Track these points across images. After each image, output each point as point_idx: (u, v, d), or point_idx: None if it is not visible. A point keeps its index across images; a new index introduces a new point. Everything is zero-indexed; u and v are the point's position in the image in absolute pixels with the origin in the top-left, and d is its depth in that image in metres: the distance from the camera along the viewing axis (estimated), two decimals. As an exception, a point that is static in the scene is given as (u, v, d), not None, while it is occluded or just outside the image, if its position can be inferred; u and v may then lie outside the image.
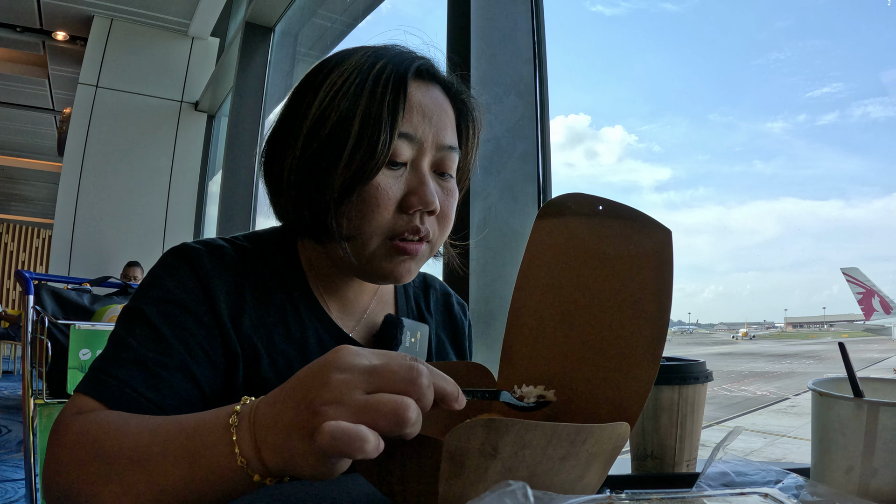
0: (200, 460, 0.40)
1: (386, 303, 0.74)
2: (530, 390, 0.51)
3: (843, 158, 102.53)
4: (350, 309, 0.69)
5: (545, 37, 1.57)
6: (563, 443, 0.37)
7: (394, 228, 0.58)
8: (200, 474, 0.40)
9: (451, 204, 0.63)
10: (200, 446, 0.40)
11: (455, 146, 0.63)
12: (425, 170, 0.60)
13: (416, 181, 0.59)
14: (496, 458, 0.35)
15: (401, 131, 0.57)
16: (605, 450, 0.40)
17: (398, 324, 0.68)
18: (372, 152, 0.56)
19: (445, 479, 0.35)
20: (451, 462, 0.35)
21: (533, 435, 0.36)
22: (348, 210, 0.57)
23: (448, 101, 0.64)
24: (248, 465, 0.38)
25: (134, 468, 0.42)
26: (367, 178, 0.56)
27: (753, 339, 27.67)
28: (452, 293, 0.83)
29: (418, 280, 0.81)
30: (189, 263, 0.59)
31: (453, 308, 0.81)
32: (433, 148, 0.60)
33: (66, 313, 1.76)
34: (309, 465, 0.36)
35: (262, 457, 0.38)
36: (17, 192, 10.63)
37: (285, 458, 0.37)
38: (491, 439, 0.35)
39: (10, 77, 5.93)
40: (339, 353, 0.37)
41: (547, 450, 0.37)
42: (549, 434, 0.36)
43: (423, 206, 0.58)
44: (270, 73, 3.65)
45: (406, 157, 0.59)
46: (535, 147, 1.50)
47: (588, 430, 0.38)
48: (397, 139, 0.57)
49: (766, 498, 0.39)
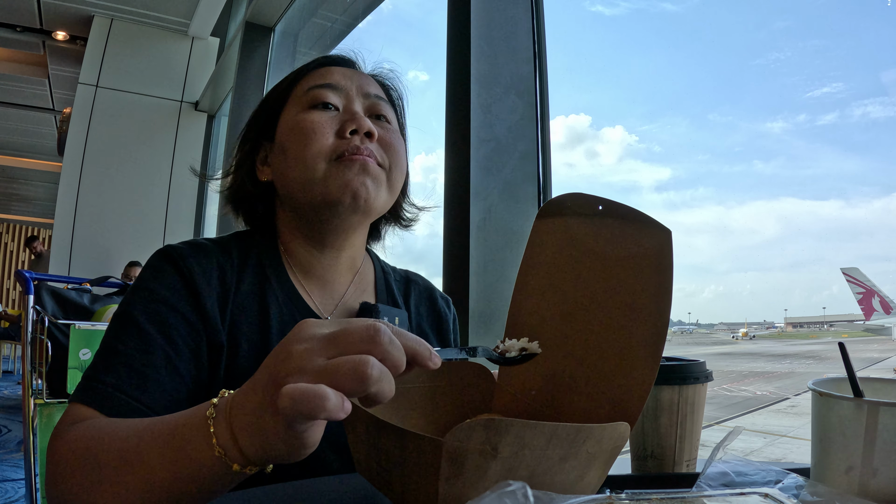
0: (183, 456, 0.41)
1: (364, 290, 0.75)
2: (513, 343, 0.48)
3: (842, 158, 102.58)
4: (328, 293, 0.71)
5: (545, 37, 1.57)
6: (562, 443, 0.37)
7: (335, 150, 0.64)
8: (184, 470, 0.41)
9: (394, 138, 0.68)
10: (182, 442, 0.41)
11: (384, 97, 0.71)
12: (356, 108, 0.67)
13: (348, 115, 0.66)
14: (496, 458, 0.35)
15: (320, 83, 0.67)
16: (605, 450, 0.40)
17: (374, 309, 0.69)
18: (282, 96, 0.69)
19: (445, 478, 0.35)
20: (451, 462, 0.35)
21: (533, 435, 0.36)
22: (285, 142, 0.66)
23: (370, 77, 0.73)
24: (226, 454, 0.38)
25: (123, 470, 0.43)
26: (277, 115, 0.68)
27: (753, 339, 27.67)
28: (436, 288, 0.85)
29: (399, 274, 0.82)
30: (172, 263, 0.62)
31: (437, 301, 0.82)
32: (360, 95, 0.69)
33: (67, 313, 1.76)
34: (280, 440, 0.36)
35: (239, 443, 0.38)
36: (17, 192, 10.63)
37: (259, 439, 0.37)
38: (491, 439, 0.35)
39: (10, 77, 5.93)
40: (300, 326, 0.37)
41: (547, 450, 0.37)
42: (549, 434, 0.36)
43: (355, 126, 0.64)
44: (270, 73, 3.64)
45: (335, 101, 0.67)
46: (535, 147, 1.50)
47: (588, 430, 0.38)
48: (320, 89, 0.67)
49: (766, 498, 0.39)
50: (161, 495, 0.41)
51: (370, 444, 0.41)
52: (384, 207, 0.69)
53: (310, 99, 0.67)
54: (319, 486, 0.49)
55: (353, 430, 0.43)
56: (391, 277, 0.80)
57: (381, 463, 0.40)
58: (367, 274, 0.77)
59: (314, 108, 0.66)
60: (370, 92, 0.70)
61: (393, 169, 0.68)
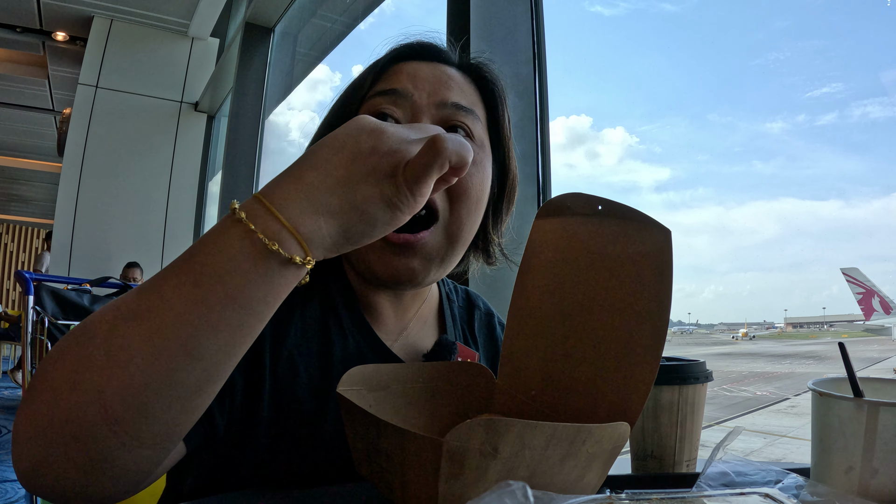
0: (207, 272, 0.34)
1: (427, 323, 0.67)
2: None
3: (842, 158, 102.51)
4: (387, 328, 0.63)
5: (545, 37, 1.57)
6: (562, 443, 0.37)
7: None
8: (210, 291, 0.33)
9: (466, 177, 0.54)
10: (205, 257, 0.34)
11: (465, 105, 0.57)
12: None
13: None
14: (496, 458, 0.35)
15: (382, 89, 0.56)
16: (605, 449, 0.40)
17: (451, 348, 0.62)
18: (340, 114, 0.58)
19: (445, 479, 0.35)
20: (452, 462, 0.35)
21: (533, 435, 0.36)
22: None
23: (454, 68, 0.60)
24: (282, 245, 0.34)
25: (122, 326, 0.34)
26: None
27: (753, 340, 27.66)
28: (495, 313, 0.77)
29: (461, 298, 0.74)
30: None
31: (495, 330, 0.75)
32: (432, 106, 0.56)
33: (66, 314, 1.76)
34: (378, 208, 0.37)
35: (305, 225, 0.35)
36: (17, 193, 10.63)
37: (346, 211, 0.37)
38: (491, 439, 0.35)
39: (10, 77, 5.93)
40: (361, 119, 0.39)
41: (547, 450, 0.37)
42: (549, 434, 0.36)
43: None
44: (270, 74, 3.64)
45: (396, 114, 0.55)
46: (535, 147, 1.50)
47: (588, 431, 0.38)
48: (380, 96, 0.56)
49: (766, 498, 0.39)
50: (176, 342, 0.33)
51: (370, 444, 0.41)
52: (448, 271, 0.60)
53: (369, 109, 0.56)
54: (319, 495, 0.49)
55: (353, 430, 0.43)
56: (454, 305, 0.72)
57: (381, 463, 0.40)
58: (431, 306, 0.69)
59: None
60: (448, 99, 0.56)
61: (457, 220, 0.55)
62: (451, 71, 0.60)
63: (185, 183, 4.99)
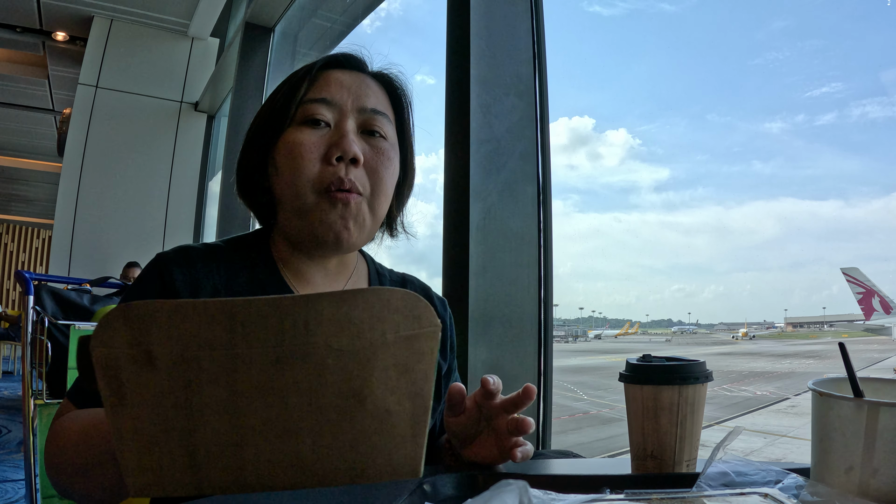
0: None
1: None
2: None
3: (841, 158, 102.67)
4: None
5: (545, 37, 1.57)
6: (259, 330, 0.30)
7: (321, 180, 0.65)
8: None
9: (382, 161, 0.69)
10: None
11: (381, 110, 0.70)
12: (347, 127, 0.67)
13: (337, 135, 0.66)
14: (155, 369, 0.28)
15: (315, 97, 0.68)
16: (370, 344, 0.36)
17: None
18: (281, 112, 0.68)
19: (111, 407, 0.30)
20: (109, 381, 0.30)
21: (199, 322, 0.27)
22: (279, 162, 0.67)
23: (372, 79, 0.72)
24: None
25: (95, 470, 0.54)
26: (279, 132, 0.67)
27: (753, 339, 27.65)
28: (432, 289, 0.85)
29: (397, 277, 0.83)
30: (157, 270, 0.65)
31: (433, 301, 0.82)
32: (355, 111, 0.68)
33: (66, 314, 1.76)
34: None
35: None
36: (17, 193, 10.63)
37: None
38: (137, 338, 0.27)
39: (10, 77, 5.93)
40: None
41: (237, 348, 0.29)
42: (226, 314, 0.29)
43: (341, 153, 0.65)
44: (270, 74, 3.64)
45: (327, 118, 0.67)
46: (535, 147, 1.50)
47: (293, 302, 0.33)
48: (314, 103, 0.67)
49: (766, 498, 0.39)
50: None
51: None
52: (368, 239, 0.72)
53: (302, 114, 0.68)
54: (314, 496, 0.48)
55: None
56: (386, 280, 0.81)
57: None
58: (360, 277, 0.78)
59: (306, 124, 0.67)
60: (366, 106, 0.69)
61: (376, 197, 0.69)
62: (369, 80, 0.72)
63: (185, 183, 4.99)
